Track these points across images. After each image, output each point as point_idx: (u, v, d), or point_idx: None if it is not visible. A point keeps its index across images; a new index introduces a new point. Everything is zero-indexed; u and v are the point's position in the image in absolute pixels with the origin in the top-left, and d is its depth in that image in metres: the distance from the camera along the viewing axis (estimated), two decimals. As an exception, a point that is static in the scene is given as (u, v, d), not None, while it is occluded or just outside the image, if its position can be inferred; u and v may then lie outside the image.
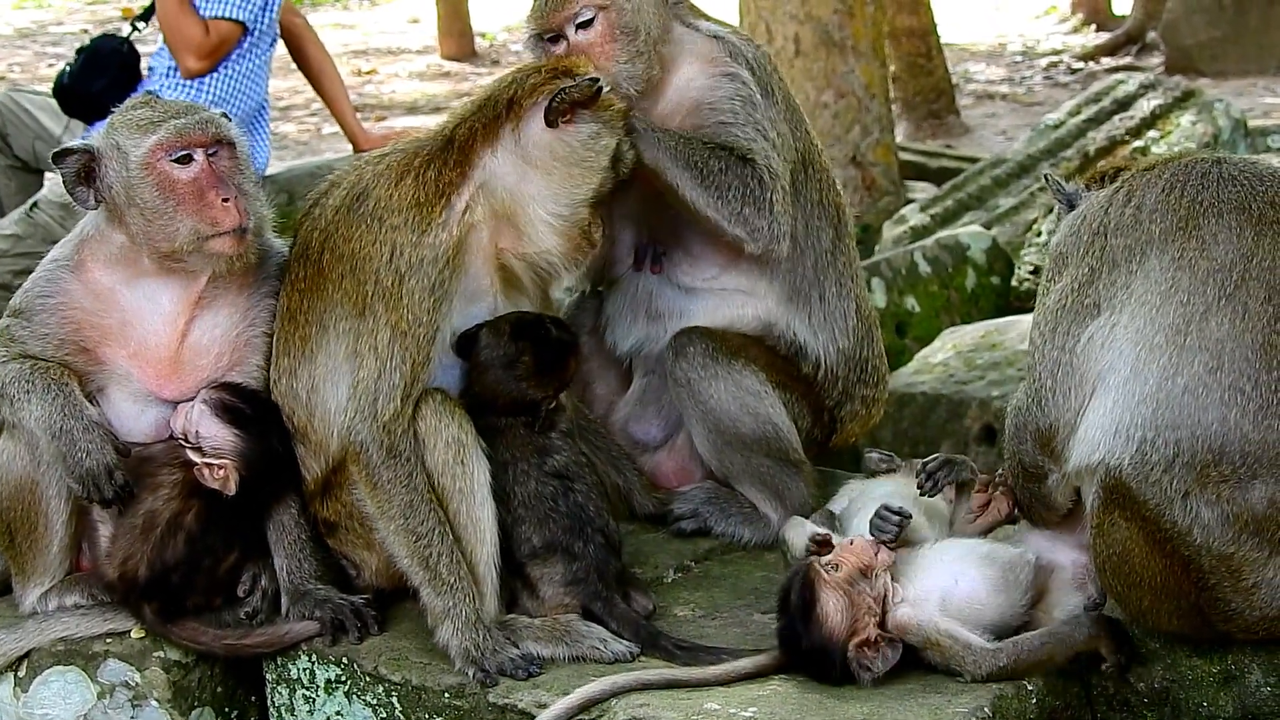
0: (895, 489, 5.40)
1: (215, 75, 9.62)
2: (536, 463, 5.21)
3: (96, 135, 5.28)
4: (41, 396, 5.16)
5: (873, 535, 4.92)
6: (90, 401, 5.23)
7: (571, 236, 5.29)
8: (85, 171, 5.19)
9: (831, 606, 4.76)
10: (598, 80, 5.25)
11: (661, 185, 5.62)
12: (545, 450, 5.25)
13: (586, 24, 5.66)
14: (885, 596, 4.81)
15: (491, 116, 5.27)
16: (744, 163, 5.61)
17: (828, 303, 5.92)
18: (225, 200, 5.14)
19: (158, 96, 5.46)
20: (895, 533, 4.90)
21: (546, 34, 5.71)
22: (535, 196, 5.23)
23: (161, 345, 5.29)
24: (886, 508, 4.95)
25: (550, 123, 5.21)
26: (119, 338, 5.27)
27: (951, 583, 4.86)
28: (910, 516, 4.95)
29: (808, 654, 4.79)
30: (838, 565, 4.81)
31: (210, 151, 5.17)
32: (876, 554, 4.84)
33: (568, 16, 5.67)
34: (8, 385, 5.21)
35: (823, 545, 4.95)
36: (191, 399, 5.28)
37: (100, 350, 5.27)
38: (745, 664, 4.86)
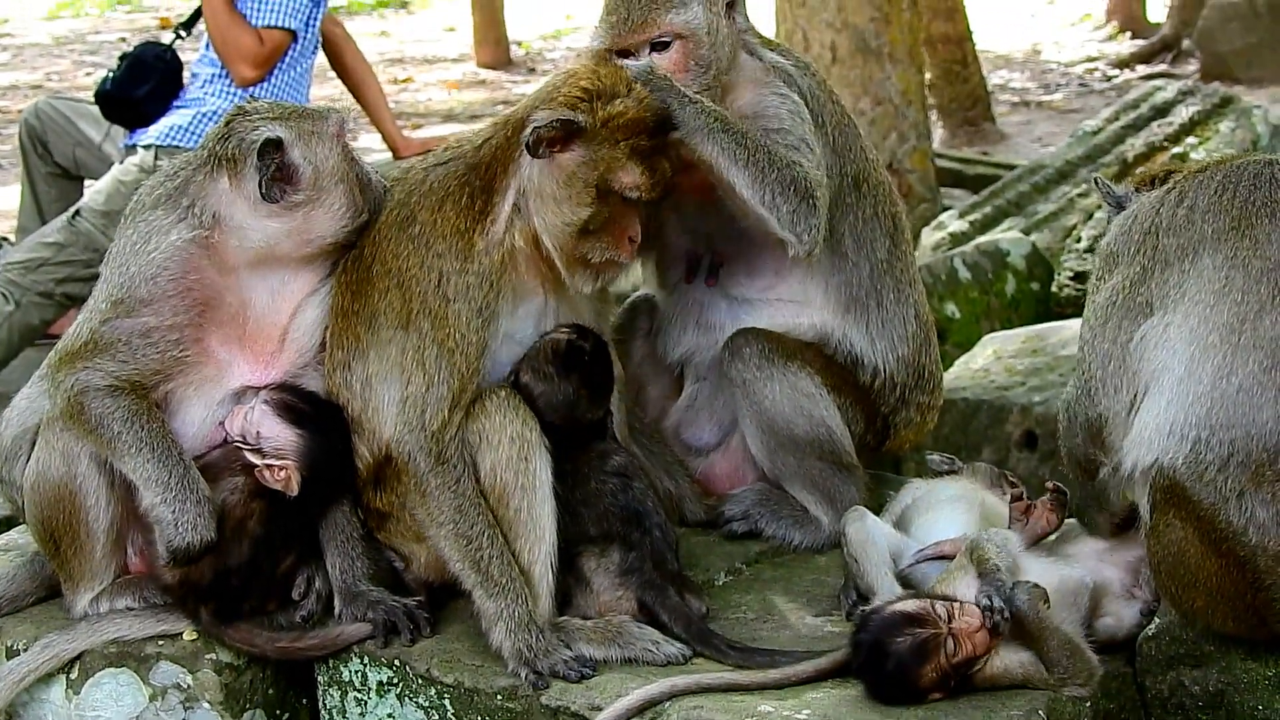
0: (961, 491, 5.42)
1: (262, 84, 9.69)
2: (598, 465, 5.25)
3: (266, 130, 5.24)
4: (159, 459, 5.11)
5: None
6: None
7: (566, 262, 5.21)
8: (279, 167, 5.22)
9: (929, 675, 4.63)
10: (573, 122, 5.05)
11: (713, 179, 5.50)
12: (605, 454, 5.30)
13: (663, 47, 5.56)
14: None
15: (505, 138, 5.23)
16: (793, 165, 5.49)
17: (885, 309, 5.87)
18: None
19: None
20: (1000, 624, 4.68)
21: (618, 51, 5.59)
22: (536, 219, 5.18)
23: (274, 326, 5.34)
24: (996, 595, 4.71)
25: (534, 154, 5.11)
26: (234, 320, 5.29)
27: None
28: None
29: (878, 682, 4.69)
30: (956, 639, 4.63)
31: None
32: (989, 641, 4.66)
33: (645, 39, 5.58)
34: (118, 429, 5.15)
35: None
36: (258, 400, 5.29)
37: (210, 337, 5.27)
38: (805, 668, 4.85)
